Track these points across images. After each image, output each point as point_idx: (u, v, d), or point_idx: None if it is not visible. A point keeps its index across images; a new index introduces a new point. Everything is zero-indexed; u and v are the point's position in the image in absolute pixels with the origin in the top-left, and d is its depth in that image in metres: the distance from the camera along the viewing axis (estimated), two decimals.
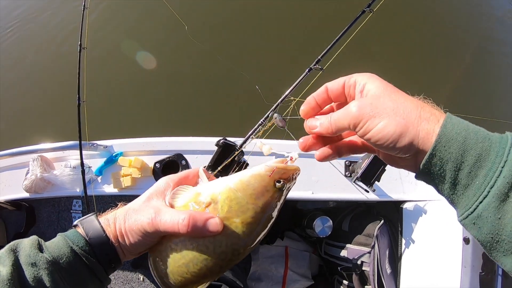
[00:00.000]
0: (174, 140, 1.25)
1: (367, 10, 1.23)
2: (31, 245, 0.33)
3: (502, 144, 0.27)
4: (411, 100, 0.30)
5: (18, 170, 1.40)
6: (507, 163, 0.26)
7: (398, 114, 0.28)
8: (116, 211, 0.37)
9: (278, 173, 0.34)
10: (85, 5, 1.45)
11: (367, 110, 0.29)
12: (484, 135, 0.27)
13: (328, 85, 0.35)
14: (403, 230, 1.37)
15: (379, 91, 0.30)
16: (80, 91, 1.28)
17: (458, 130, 0.27)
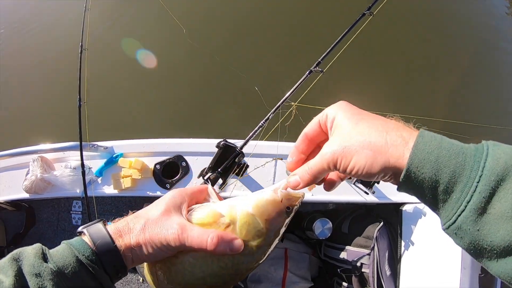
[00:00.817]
0: (174, 141, 1.25)
1: (367, 13, 1.24)
2: (35, 254, 0.32)
3: (477, 157, 0.27)
4: (376, 127, 0.31)
5: (18, 170, 1.40)
6: (482, 177, 0.26)
7: (365, 147, 0.30)
8: (128, 220, 0.36)
9: (290, 200, 0.36)
10: (87, 7, 1.46)
11: (338, 151, 0.31)
12: (458, 150, 0.28)
13: (306, 130, 0.36)
14: (402, 232, 1.38)
15: (346, 126, 0.32)
16: (80, 92, 1.28)
17: (430, 149, 0.28)
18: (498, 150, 0.28)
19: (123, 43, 2.43)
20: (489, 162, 0.27)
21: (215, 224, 0.35)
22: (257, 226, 0.35)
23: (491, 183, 0.26)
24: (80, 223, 1.50)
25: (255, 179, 1.23)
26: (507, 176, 0.26)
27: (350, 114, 0.33)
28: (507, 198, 0.26)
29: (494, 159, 0.27)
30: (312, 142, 0.36)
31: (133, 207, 1.49)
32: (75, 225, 1.50)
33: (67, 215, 1.51)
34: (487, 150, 0.28)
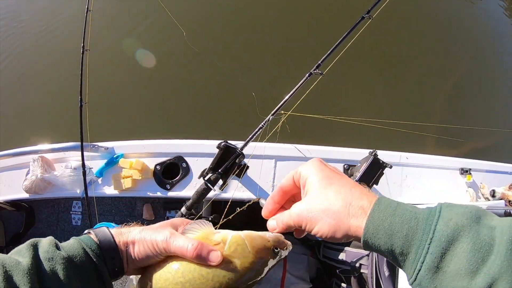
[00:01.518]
0: (175, 142, 1.26)
1: (366, 16, 1.26)
2: (49, 243, 0.36)
3: (429, 220, 0.30)
4: (341, 196, 0.34)
5: (19, 170, 1.40)
6: (433, 239, 0.29)
7: (329, 216, 0.33)
8: (131, 226, 0.41)
9: (277, 242, 0.40)
10: (88, 8, 1.46)
11: (304, 215, 0.35)
12: (411, 216, 0.30)
13: (282, 184, 0.40)
14: None
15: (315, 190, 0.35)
16: (82, 93, 1.29)
17: (384, 217, 0.31)
18: (450, 211, 0.30)
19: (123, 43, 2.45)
20: (440, 224, 0.29)
21: (206, 240, 0.38)
22: (245, 248, 0.38)
23: (442, 243, 0.28)
24: (80, 223, 1.50)
25: (255, 180, 1.24)
26: (459, 236, 0.28)
27: (321, 176, 0.35)
28: (460, 257, 0.28)
29: (445, 221, 0.29)
30: (286, 194, 0.40)
31: (133, 207, 1.49)
32: (75, 225, 1.50)
33: (67, 215, 1.51)
34: (439, 213, 0.30)
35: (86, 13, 1.45)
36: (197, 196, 1.12)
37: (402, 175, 1.39)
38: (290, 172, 0.39)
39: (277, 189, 0.40)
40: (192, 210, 1.16)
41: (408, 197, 1.39)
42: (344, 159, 1.31)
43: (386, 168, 1.21)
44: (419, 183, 1.41)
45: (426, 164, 1.44)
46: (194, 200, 1.13)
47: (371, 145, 1.29)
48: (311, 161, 0.38)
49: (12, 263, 0.32)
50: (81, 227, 1.49)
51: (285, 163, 1.26)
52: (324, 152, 1.30)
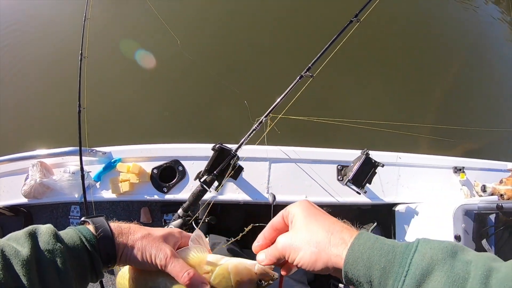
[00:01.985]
0: (171, 146, 1.28)
1: (354, 20, 1.29)
2: (49, 234, 0.37)
3: (406, 254, 0.32)
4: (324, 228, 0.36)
5: (17, 176, 1.42)
6: (409, 272, 0.30)
7: (312, 245, 0.36)
8: (131, 225, 0.42)
9: (262, 274, 0.42)
10: (86, 16, 1.50)
11: (287, 244, 0.38)
12: (389, 249, 0.33)
13: (272, 221, 0.43)
14: (396, 232, 1.40)
15: (300, 224, 0.38)
16: (80, 98, 1.31)
17: (363, 250, 0.33)
18: (426, 246, 0.32)
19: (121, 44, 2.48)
20: (415, 258, 0.31)
21: (198, 267, 0.42)
22: (228, 281, 0.41)
23: (417, 276, 0.30)
24: None
25: (250, 182, 1.26)
26: (433, 270, 0.30)
27: (307, 213, 0.38)
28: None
29: (420, 255, 0.31)
30: (276, 230, 0.42)
31: (131, 211, 1.50)
32: None
33: (65, 220, 1.52)
34: (416, 247, 0.32)
35: (84, 21, 1.48)
36: (193, 198, 1.14)
37: (396, 175, 1.41)
38: (280, 212, 0.42)
39: (268, 226, 0.43)
40: (189, 211, 1.18)
41: (403, 196, 1.41)
42: (338, 160, 1.33)
43: (378, 167, 1.23)
44: (414, 182, 1.43)
45: (420, 163, 1.46)
46: (190, 202, 1.15)
47: (365, 146, 1.31)
48: (300, 201, 0.41)
49: (12, 252, 0.33)
50: None
51: (279, 165, 1.28)
52: (318, 153, 1.32)
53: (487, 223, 1.21)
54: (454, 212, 1.16)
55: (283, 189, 1.27)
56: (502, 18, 3.29)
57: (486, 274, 0.29)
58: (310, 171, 1.30)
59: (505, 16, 3.30)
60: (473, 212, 1.17)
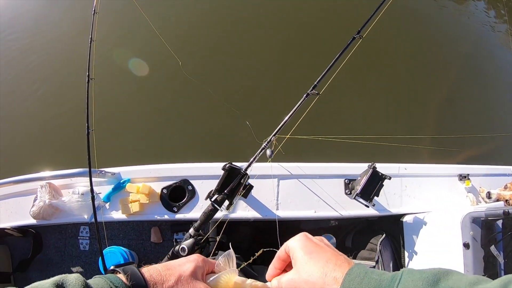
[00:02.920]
0: (180, 166, 1.29)
1: (357, 36, 1.32)
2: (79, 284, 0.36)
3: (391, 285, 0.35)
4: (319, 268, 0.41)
5: (26, 197, 1.43)
6: None
7: (309, 285, 0.40)
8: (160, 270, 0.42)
9: None
10: (92, 38, 1.52)
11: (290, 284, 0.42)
12: (376, 284, 0.36)
13: (278, 254, 0.48)
14: (404, 242, 1.41)
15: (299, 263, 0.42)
16: (89, 120, 1.33)
17: (353, 286, 0.37)
18: (408, 278, 0.36)
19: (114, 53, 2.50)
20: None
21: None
22: None
23: None
24: (88, 248, 1.52)
25: (259, 199, 1.27)
26: None
27: (305, 251, 0.43)
28: None
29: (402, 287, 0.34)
30: (283, 261, 0.47)
31: (141, 231, 1.51)
32: (83, 250, 1.51)
33: (74, 241, 1.52)
34: (399, 280, 0.36)
35: (90, 43, 1.51)
36: (204, 217, 1.15)
37: (402, 186, 1.43)
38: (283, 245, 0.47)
39: (276, 257, 0.48)
40: (200, 231, 1.18)
41: (410, 206, 1.42)
42: (344, 174, 1.35)
43: (385, 180, 1.25)
44: (419, 192, 1.45)
45: (425, 173, 1.48)
46: (201, 221, 1.15)
47: (370, 159, 1.33)
48: (298, 236, 0.45)
49: None
50: (89, 251, 1.51)
51: (287, 181, 1.29)
52: (325, 168, 1.34)
53: (495, 229, 1.22)
54: (461, 220, 1.17)
55: (292, 206, 1.28)
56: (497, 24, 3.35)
57: None
58: (318, 186, 1.31)
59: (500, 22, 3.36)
60: (480, 219, 1.18)
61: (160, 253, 1.47)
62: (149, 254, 1.48)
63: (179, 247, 1.15)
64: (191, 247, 1.14)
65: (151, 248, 1.48)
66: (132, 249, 1.46)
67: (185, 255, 1.13)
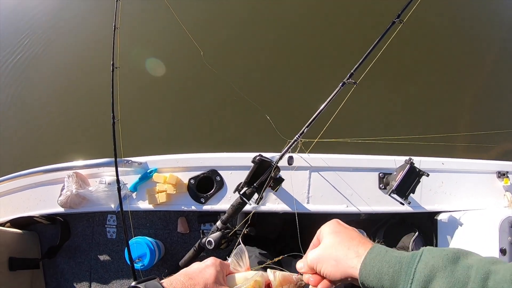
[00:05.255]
0: (208, 156, 1.26)
1: (397, 21, 1.23)
2: None
3: (411, 263, 0.37)
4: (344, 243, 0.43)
5: (54, 185, 1.45)
6: (414, 280, 0.35)
7: (332, 258, 0.43)
8: (183, 281, 0.42)
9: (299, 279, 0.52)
10: (116, 26, 1.50)
11: (315, 258, 0.46)
12: (396, 260, 0.38)
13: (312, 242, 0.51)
14: (438, 242, 1.34)
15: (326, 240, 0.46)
16: (114, 110, 1.31)
17: (374, 263, 0.39)
18: (429, 255, 0.37)
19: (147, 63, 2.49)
20: (419, 266, 0.36)
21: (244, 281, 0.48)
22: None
23: (421, 283, 0.34)
24: (115, 236, 1.53)
25: (289, 191, 1.23)
26: (435, 276, 0.34)
27: (332, 231, 0.46)
28: None
29: (423, 263, 0.36)
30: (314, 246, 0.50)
31: (167, 220, 1.50)
32: (110, 239, 1.53)
33: (102, 229, 1.54)
34: (420, 257, 0.37)
35: (114, 30, 1.48)
36: (232, 211, 1.12)
37: (439, 182, 1.35)
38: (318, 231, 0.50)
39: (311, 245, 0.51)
40: (228, 224, 1.16)
41: (446, 204, 1.34)
42: (379, 167, 1.28)
43: (423, 176, 1.18)
44: (456, 189, 1.36)
45: (462, 169, 1.39)
46: (229, 215, 1.13)
47: (404, 153, 1.25)
48: (332, 220, 0.49)
49: None
50: (116, 240, 1.52)
51: (319, 173, 1.24)
52: (358, 160, 1.27)
53: None
54: (500, 224, 1.10)
55: (324, 199, 1.23)
56: None
57: (484, 277, 0.32)
58: (350, 179, 1.25)
59: None
60: None
61: (187, 243, 1.47)
62: (175, 244, 1.48)
63: (206, 240, 1.13)
64: (218, 240, 1.12)
65: (177, 238, 1.48)
66: (158, 239, 1.47)
67: (212, 248, 1.12)
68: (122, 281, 1.46)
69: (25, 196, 1.48)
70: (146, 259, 1.31)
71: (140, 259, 1.31)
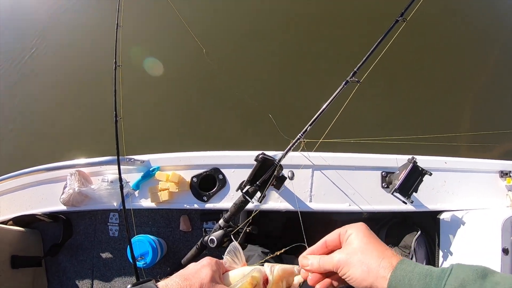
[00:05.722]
0: (210, 154, 1.26)
1: (400, 19, 1.22)
2: None
3: (441, 277, 0.37)
4: (377, 252, 0.42)
5: (56, 184, 1.45)
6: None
7: (364, 264, 0.41)
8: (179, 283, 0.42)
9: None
10: (118, 23, 1.50)
11: (343, 260, 0.43)
12: (426, 273, 0.38)
13: (327, 238, 0.48)
14: (440, 241, 1.34)
15: (356, 244, 0.44)
16: (116, 108, 1.31)
17: (404, 274, 0.39)
18: (459, 269, 0.37)
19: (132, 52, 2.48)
20: (450, 280, 0.36)
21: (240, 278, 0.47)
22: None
23: None
24: (117, 234, 1.53)
25: (292, 190, 1.23)
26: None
27: (362, 236, 0.44)
28: None
29: (454, 277, 0.36)
30: (328, 248, 0.48)
31: (169, 219, 1.51)
32: (112, 237, 1.53)
33: (104, 227, 1.54)
34: (450, 271, 0.38)
35: (116, 28, 1.48)
36: (235, 209, 1.12)
37: (441, 181, 1.34)
38: (337, 229, 0.47)
39: (321, 241, 0.48)
40: (230, 222, 1.16)
41: (448, 203, 1.34)
42: (381, 166, 1.28)
43: (425, 175, 1.17)
44: (459, 188, 1.36)
45: (465, 168, 1.38)
46: (232, 213, 1.13)
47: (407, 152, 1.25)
48: (358, 224, 0.46)
49: None
50: (118, 238, 1.52)
51: (322, 172, 1.24)
52: (360, 159, 1.27)
53: None
54: (502, 224, 1.10)
55: (326, 197, 1.23)
56: None
57: None
58: (353, 178, 1.25)
59: None
60: None
61: (189, 241, 1.47)
62: (177, 243, 1.48)
63: (208, 238, 1.13)
64: (220, 238, 1.12)
65: (180, 236, 1.48)
66: (160, 237, 1.47)
67: (214, 246, 1.12)
68: (124, 279, 1.46)
69: (28, 194, 1.48)
70: (148, 257, 1.31)
71: (142, 257, 1.31)
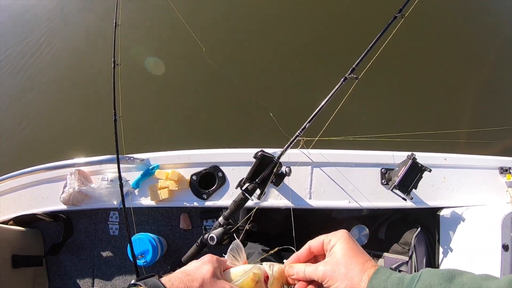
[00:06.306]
0: (210, 152, 1.26)
1: (399, 15, 1.22)
2: None
3: (411, 283, 0.40)
4: (359, 267, 0.44)
5: (56, 183, 1.45)
6: None
7: (347, 279, 0.43)
8: (182, 278, 0.42)
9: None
10: (117, 22, 1.49)
11: (328, 273, 0.45)
12: (399, 281, 0.41)
13: (311, 244, 0.49)
14: (440, 238, 1.34)
15: (340, 256, 0.45)
16: (116, 107, 1.31)
17: (379, 282, 0.41)
18: (427, 275, 0.40)
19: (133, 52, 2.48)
20: (418, 285, 0.39)
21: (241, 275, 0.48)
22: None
23: None
24: (117, 233, 1.54)
25: (291, 187, 1.23)
26: None
27: (346, 247, 0.46)
28: None
29: (421, 282, 0.39)
30: (311, 254, 0.50)
31: (170, 217, 1.51)
32: (112, 235, 1.54)
33: (104, 226, 1.55)
34: (419, 277, 0.40)
35: (115, 27, 1.48)
36: (234, 206, 1.12)
37: (440, 177, 1.34)
38: (320, 236, 0.48)
39: (306, 247, 0.49)
40: (230, 220, 1.16)
41: (448, 200, 1.34)
42: (381, 163, 1.28)
43: (425, 172, 1.17)
44: (458, 184, 1.36)
45: (465, 164, 1.38)
46: (231, 210, 1.13)
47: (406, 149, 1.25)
48: (341, 232, 0.48)
49: None
50: (118, 236, 1.53)
51: (321, 169, 1.24)
52: (360, 156, 1.27)
53: None
54: (502, 220, 1.09)
55: (326, 194, 1.23)
56: None
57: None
58: (353, 175, 1.25)
59: None
60: None
61: (189, 239, 1.48)
62: (177, 241, 1.49)
63: (208, 235, 1.13)
64: (220, 236, 1.12)
65: (180, 234, 1.49)
66: (161, 235, 1.47)
67: (214, 244, 1.12)
68: (125, 277, 1.47)
69: (28, 194, 1.49)
70: (148, 255, 1.32)
71: (142, 256, 1.31)
